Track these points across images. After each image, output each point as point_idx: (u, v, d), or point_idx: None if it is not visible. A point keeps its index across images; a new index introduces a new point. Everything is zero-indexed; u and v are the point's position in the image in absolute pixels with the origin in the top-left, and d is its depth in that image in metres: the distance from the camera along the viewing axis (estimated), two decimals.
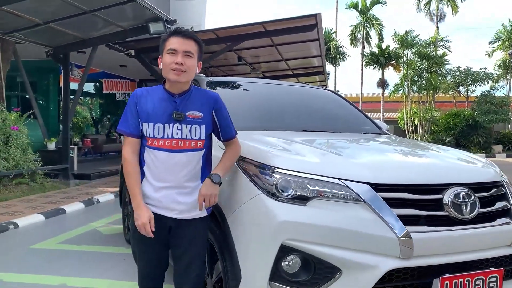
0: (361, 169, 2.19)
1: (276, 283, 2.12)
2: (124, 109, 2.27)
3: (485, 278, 2.17)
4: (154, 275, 2.33)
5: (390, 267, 2.01)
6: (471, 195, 2.20)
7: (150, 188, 2.21)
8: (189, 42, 2.18)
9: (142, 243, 2.26)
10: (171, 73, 2.14)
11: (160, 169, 2.17)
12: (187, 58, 2.16)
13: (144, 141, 2.21)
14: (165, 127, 2.16)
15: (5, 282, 3.83)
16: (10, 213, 6.49)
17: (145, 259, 2.31)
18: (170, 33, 2.22)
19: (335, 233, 2.04)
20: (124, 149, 2.25)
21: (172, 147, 2.15)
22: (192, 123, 2.18)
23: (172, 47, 2.15)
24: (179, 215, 2.20)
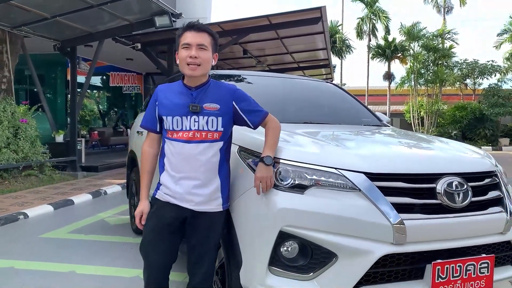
0: (357, 159, 2.27)
1: (275, 268, 2.21)
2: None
3: (477, 264, 2.25)
4: (163, 265, 2.32)
5: (384, 253, 2.10)
6: (464, 184, 2.28)
7: (169, 179, 2.26)
8: (202, 35, 2.22)
9: (155, 232, 2.28)
10: (187, 68, 2.21)
11: (177, 160, 2.23)
12: (201, 51, 2.20)
13: (165, 133, 2.29)
14: (183, 120, 2.22)
15: (16, 269, 3.97)
16: (20, 204, 6.65)
17: (156, 248, 2.29)
18: (184, 28, 2.27)
19: (332, 220, 2.13)
20: (144, 143, 2.40)
21: (189, 138, 2.21)
22: (209, 115, 2.23)
23: (186, 42, 2.20)
24: (196, 206, 2.24)
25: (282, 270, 2.21)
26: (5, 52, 9.16)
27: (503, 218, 2.38)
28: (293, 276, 2.20)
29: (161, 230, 2.26)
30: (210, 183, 2.25)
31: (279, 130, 2.36)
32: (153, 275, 2.32)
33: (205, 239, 2.31)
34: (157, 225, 2.26)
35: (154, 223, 2.27)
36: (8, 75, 9.26)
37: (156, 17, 9.15)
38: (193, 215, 2.26)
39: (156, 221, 2.28)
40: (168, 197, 2.26)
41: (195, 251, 2.32)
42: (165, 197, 2.27)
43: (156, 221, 2.28)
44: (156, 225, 2.26)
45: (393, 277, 2.20)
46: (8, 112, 8.65)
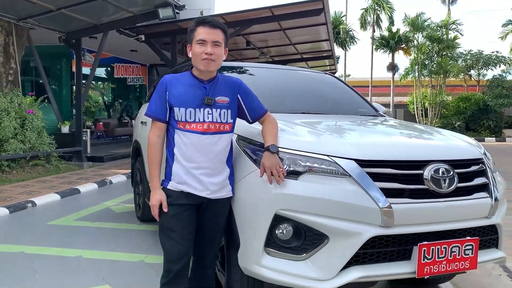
0: (348, 147, 2.40)
1: (271, 249, 2.35)
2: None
3: (461, 246, 2.38)
4: (186, 252, 2.32)
5: (372, 234, 2.23)
6: (450, 171, 2.40)
7: (182, 169, 2.30)
8: (216, 31, 2.29)
9: (175, 219, 2.29)
10: (202, 63, 2.27)
11: (191, 150, 2.27)
12: (215, 47, 2.27)
13: (175, 123, 2.30)
14: (196, 112, 2.27)
15: (26, 254, 4.14)
16: (28, 193, 6.83)
17: (179, 234, 2.29)
18: (197, 22, 2.31)
19: (323, 203, 2.26)
20: (151, 133, 2.37)
21: (204, 129, 2.27)
22: (221, 108, 2.32)
23: (201, 38, 2.26)
24: (211, 194, 2.32)
25: (277, 251, 2.35)
26: (11, 44, 9.29)
27: (488, 203, 2.50)
28: (288, 256, 2.34)
29: (181, 217, 2.29)
30: (221, 172, 2.35)
31: (277, 125, 2.49)
32: (177, 262, 2.28)
33: (216, 223, 2.43)
34: (176, 213, 2.29)
35: (173, 210, 2.29)
36: (15, 67, 9.40)
37: (160, 9, 9.25)
38: (208, 202, 2.34)
39: (175, 209, 2.29)
40: (182, 186, 2.30)
41: (206, 235, 2.43)
42: (179, 187, 2.30)
43: (175, 209, 2.29)
44: (175, 212, 2.29)
45: (382, 257, 2.33)
46: (15, 103, 8.81)
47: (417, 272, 2.30)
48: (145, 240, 4.64)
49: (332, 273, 2.25)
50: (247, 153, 2.55)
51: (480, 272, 4.03)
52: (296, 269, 2.31)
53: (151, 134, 2.37)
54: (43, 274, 3.63)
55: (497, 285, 3.75)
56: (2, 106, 8.45)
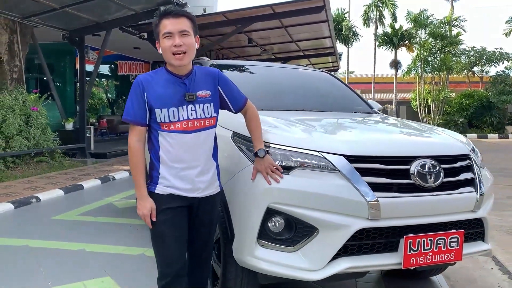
0: (337, 143, 2.49)
1: (263, 241, 2.45)
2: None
3: (447, 238, 2.47)
4: (182, 255, 2.26)
5: (360, 227, 2.33)
6: (436, 166, 2.49)
7: (170, 171, 2.19)
8: (182, 20, 2.14)
9: (167, 223, 2.20)
10: (173, 58, 2.13)
11: (178, 151, 2.17)
12: (184, 37, 2.13)
13: (157, 126, 2.17)
14: (179, 110, 2.15)
15: (31, 247, 4.27)
16: (32, 188, 6.97)
17: (173, 238, 2.21)
18: (160, 15, 2.17)
19: (313, 197, 2.36)
20: (130, 138, 2.22)
21: (189, 128, 2.16)
22: (204, 102, 2.21)
23: (166, 31, 2.12)
24: (201, 193, 2.24)
25: (270, 243, 2.45)
26: (16, 42, 9.43)
27: (474, 198, 2.59)
28: (279, 248, 2.44)
29: (172, 221, 2.20)
30: (209, 168, 2.28)
31: (258, 118, 2.47)
32: (173, 265, 2.22)
33: (209, 221, 2.38)
34: (167, 218, 2.19)
35: (164, 216, 2.19)
36: (19, 65, 9.54)
37: (162, 6, 9.32)
38: (199, 201, 2.27)
39: (165, 214, 2.20)
40: (171, 190, 2.20)
41: (200, 233, 2.36)
42: (167, 190, 2.20)
43: (165, 214, 2.20)
44: (166, 218, 2.19)
45: (370, 249, 2.43)
46: (19, 101, 8.95)
47: (403, 263, 2.39)
48: (146, 234, 4.74)
49: (322, 263, 2.35)
50: (242, 149, 2.65)
51: (473, 265, 4.13)
52: (287, 260, 2.41)
53: (131, 139, 2.21)
54: (47, 266, 3.75)
55: (489, 278, 3.84)
56: (7, 104, 8.59)
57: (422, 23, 26.76)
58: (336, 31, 30.24)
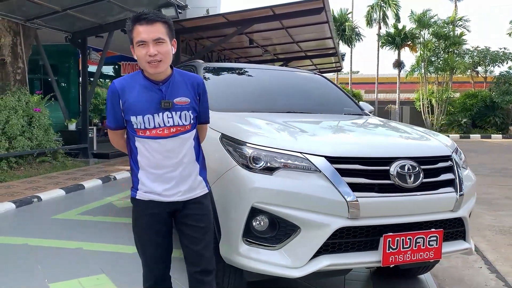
0: (319, 145, 2.58)
1: (248, 239, 2.55)
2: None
3: (426, 237, 2.55)
4: (164, 259, 2.25)
5: (340, 226, 2.41)
6: (416, 167, 2.57)
7: (149, 176, 2.14)
8: (156, 26, 2.02)
9: (148, 229, 2.19)
10: (148, 66, 2.04)
11: (157, 157, 2.11)
12: (159, 45, 2.02)
13: (133, 132, 2.13)
14: (154, 117, 2.08)
15: (30, 246, 4.38)
16: (34, 188, 7.09)
17: (154, 244, 2.20)
18: (133, 20, 2.06)
19: (296, 197, 2.45)
20: (115, 141, 2.29)
21: (165, 134, 2.10)
22: (182, 110, 2.12)
23: (140, 39, 2.01)
24: (182, 196, 2.16)
25: (254, 241, 2.54)
26: (19, 44, 9.58)
27: (453, 198, 2.66)
28: (264, 246, 2.53)
29: (153, 228, 2.18)
30: (192, 171, 2.20)
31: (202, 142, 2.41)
32: (155, 271, 2.23)
33: (201, 222, 2.24)
34: (148, 222, 2.18)
35: (145, 220, 2.18)
36: (22, 66, 9.69)
37: (163, 9, 9.46)
38: (183, 205, 2.19)
39: (146, 220, 2.18)
40: (151, 195, 2.15)
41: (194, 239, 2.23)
42: (147, 196, 2.16)
43: (146, 220, 2.18)
44: (147, 222, 2.18)
45: (350, 247, 2.51)
46: (22, 102, 9.09)
47: (382, 261, 2.47)
48: None
49: (303, 261, 2.44)
50: (229, 150, 2.74)
51: (462, 264, 4.20)
52: (271, 257, 2.51)
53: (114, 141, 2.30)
54: (44, 264, 3.85)
55: (477, 277, 3.91)
56: (10, 105, 8.73)
57: (426, 23, 26.76)
58: (339, 31, 30.32)
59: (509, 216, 6.02)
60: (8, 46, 9.49)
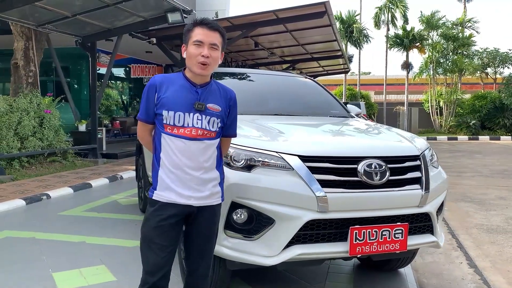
0: (293, 145, 2.82)
1: (229, 231, 2.79)
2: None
3: (391, 230, 2.76)
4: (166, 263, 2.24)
5: (310, 218, 2.64)
6: (383, 166, 2.79)
7: (168, 176, 2.20)
8: (214, 34, 2.19)
9: (157, 230, 2.20)
10: (197, 66, 2.16)
11: (179, 157, 2.17)
12: (212, 50, 2.17)
13: (161, 127, 2.20)
14: (185, 116, 2.17)
15: (36, 239, 4.69)
16: (44, 186, 7.44)
17: (160, 246, 2.20)
18: (196, 23, 2.21)
19: (271, 192, 2.68)
20: (142, 133, 2.36)
21: (191, 135, 2.17)
22: (211, 115, 2.21)
23: (198, 39, 2.16)
24: (198, 201, 2.21)
25: (234, 232, 2.78)
26: (31, 48, 9.97)
27: (419, 194, 2.88)
28: (243, 237, 2.77)
29: (163, 229, 2.19)
30: (211, 178, 2.26)
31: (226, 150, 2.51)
32: (155, 274, 2.21)
33: (208, 230, 2.32)
34: (159, 225, 2.19)
35: (156, 221, 2.19)
36: (34, 69, 10.08)
37: (169, 13, 9.77)
38: (198, 210, 2.24)
39: (158, 221, 2.19)
40: (168, 197, 2.19)
41: (197, 245, 2.32)
42: (164, 197, 2.20)
43: (158, 221, 2.19)
44: (158, 225, 2.19)
45: (321, 238, 2.75)
46: (34, 104, 9.47)
47: (349, 251, 2.70)
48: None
49: (277, 250, 2.68)
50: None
51: (444, 260, 4.41)
52: (249, 247, 2.75)
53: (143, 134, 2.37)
54: (48, 255, 4.15)
55: (455, 271, 4.10)
56: (22, 106, 9.11)
57: (434, 24, 26.78)
58: (347, 33, 30.45)
59: (499, 215, 6.18)
60: (20, 50, 9.89)
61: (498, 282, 3.83)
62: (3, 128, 8.49)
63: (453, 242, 4.96)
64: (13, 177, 8.04)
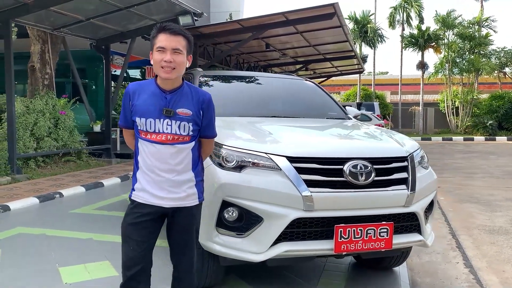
0: (282, 146, 2.94)
1: (221, 228, 2.93)
2: None
3: (377, 229, 2.86)
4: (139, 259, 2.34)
5: (296, 217, 2.76)
6: (368, 166, 2.89)
7: (145, 177, 2.31)
8: (177, 38, 2.22)
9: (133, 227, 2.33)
10: (161, 70, 2.21)
11: (152, 160, 2.27)
12: (176, 55, 2.21)
13: (137, 133, 2.31)
14: (156, 122, 2.25)
15: (47, 236, 4.90)
16: (57, 185, 7.69)
17: (134, 244, 2.32)
18: (158, 29, 2.25)
19: (260, 192, 2.81)
20: (126, 138, 2.48)
21: (162, 140, 2.26)
22: (181, 120, 2.26)
23: (160, 45, 2.20)
24: (172, 203, 2.31)
25: (226, 230, 2.93)
26: (47, 51, 10.28)
27: (404, 194, 2.97)
28: (233, 234, 2.91)
29: (140, 226, 2.32)
30: (185, 180, 2.33)
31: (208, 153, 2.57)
32: (131, 268, 2.33)
33: (186, 229, 2.41)
34: (135, 222, 2.32)
35: (132, 218, 2.33)
36: (50, 72, 10.39)
37: (180, 16, 9.98)
38: (173, 211, 2.34)
39: (135, 218, 2.32)
40: (144, 197, 2.31)
41: (177, 243, 2.43)
42: (140, 197, 2.32)
43: (135, 218, 2.32)
44: (134, 221, 2.32)
45: (308, 236, 2.86)
46: (49, 105, 9.76)
47: (334, 248, 2.81)
48: None
49: (265, 247, 2.81)
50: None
51: (441, 259, 4.47)
52: (239, 244, 2.89)
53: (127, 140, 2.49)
54: (57, 251, 4.35)
55: (450, 271, 4.16)
56: (38, 108, 9.40)
57: (450, 24, 26.47)
58: (361, 33, 30.29)
59: (503, 216, 6.18)
60: (37, 53, 10.20)
61: (491, 282, 3.88)
62: (20, 128, 8.79)
63: (452, 242, 5.01)
64: (29, 176, 8.32)
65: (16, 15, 8.39)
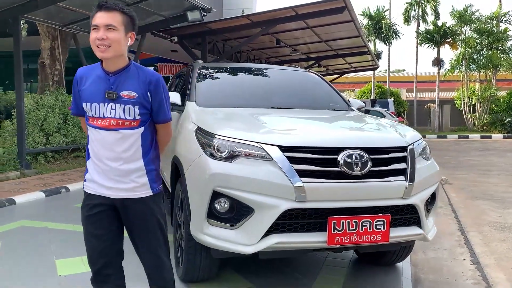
0: (274, 136, 2.84)
1: (212, 219, 2.84)
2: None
3: (372, 221, 2.74)
4: (100, 252, 2.25)
5: (287, 207, 2.66)
6: (364, 156, 2.77)
7: (94, 167, 2.20)
8: (112, 14, 2.06)
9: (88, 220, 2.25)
10: (97, 50, 2.08)
11: (98, 147, 2.16)
12: (109, 31, 2.05)
13: (87, 119, 2.20)
14: (100, 107, 2.13)
15: (48, 229, 4.90)
16: (65, 180, 7.72)
17: (93, 237, 2.24)
18: (96, 7, 2.11)
19: (250, 182, 2.71)
20: (83, 125, 2.34)
21: (106, 126, 2.12)
22: (126, 103, 2.13)
23: (94, 23, 2.07)
24: (120, 193, 2.18)
25: (217, 221, 2.84)
26: (56, 48, 10.35)
27: (403, 186, 2.84)
28: (224, 226, 2.82)
29: (93, 219, 2.22)
30: (132, 169, 2.18)
31: (166, 144, 2.44)
32: (95, 263, 2.27)
33: (145, 222, 2.25)
34: (88, 214, 2.23)
35: (85, 211, 2.24)
36: (60, 68, 10.45)
37: (188, 12, 9.93)
38: (123, 203, 2.20)
39: (87, 209, 2.23)
40: (93, 187, 2.20)
41: (137, 236, 2.28)
42: (90, 189, 2.22)
43: (87, 209, 2.23)
44: (88, 214, 2.23)
45: (300, 228, 2.76)
46: (59, 101, 9.82)
47: (327, 241, 2.70)
48: None
49: (256, 238, 2.71)
50: (200, 141, 3.04)
51: (448, 256, 4.32)
52: (230, 236, 2.80)
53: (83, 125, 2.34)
54: (56, 244, 4.33)
55: (456, 267, 4.01)
56: (48, 104, 9.47)
57: (467, 19, 25.96)
58: (375, 29, 29.89)
59: None
60: (47, 49, 10.27)
61: (497, 279, 3.73)
62: (30, 124, 8.86)
63: (461, 239, 4.85)
64: (37, 171, 8.38)
65: (25, 11, 8.45)
